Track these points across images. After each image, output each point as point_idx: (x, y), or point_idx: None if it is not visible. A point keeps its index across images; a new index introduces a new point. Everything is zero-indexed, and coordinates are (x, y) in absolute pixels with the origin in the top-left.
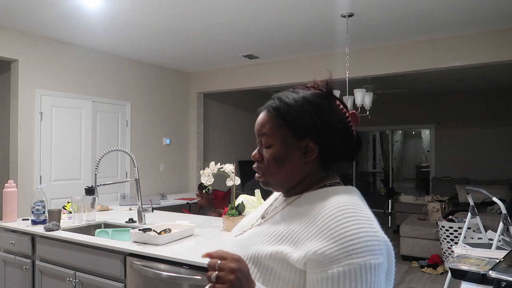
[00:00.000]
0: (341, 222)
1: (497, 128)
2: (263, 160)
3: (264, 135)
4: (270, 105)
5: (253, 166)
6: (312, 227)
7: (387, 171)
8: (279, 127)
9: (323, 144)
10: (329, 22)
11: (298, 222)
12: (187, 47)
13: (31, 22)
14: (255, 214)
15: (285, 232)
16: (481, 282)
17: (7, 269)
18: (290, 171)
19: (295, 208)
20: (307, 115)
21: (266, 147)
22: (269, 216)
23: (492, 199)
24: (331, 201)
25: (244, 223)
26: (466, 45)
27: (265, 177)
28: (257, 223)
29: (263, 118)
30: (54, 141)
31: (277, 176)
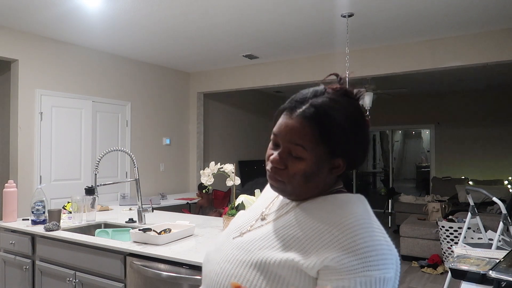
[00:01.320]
0: (361, 235)
1: (497, 128)
2: (287, 170)
3: (297, 145)
4: (310, 113)
5: (269, 169)
6: (328, 236)
7: (387, 171)
8: (317, 142)
9: (351, 161)
10: (329, 22)
11: (310, 229)
12: (187, 47)
13: (31, 22)
14: (252, 213)
15: (294, 237)
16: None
17: (7, 269)
18: (312, 187)
19: (305, 213)
20: (349, 136)
21: (296, 157)
22: (272, 218)
23: (492, 199)
24: (347, 211)
25: (241, 224)
26: (466, 45)
27: (284, 186)
28: (257, 224)
29: (299, 125)
30: (54, 141)
31: (299, 190)
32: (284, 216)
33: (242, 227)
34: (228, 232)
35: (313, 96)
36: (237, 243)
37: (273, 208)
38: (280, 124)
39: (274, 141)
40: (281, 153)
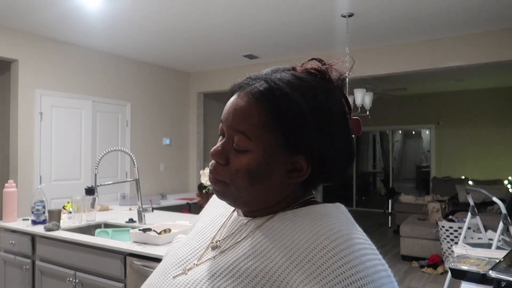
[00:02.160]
0: (353, 262)
1: (497, 128)
2: (228, 165)
3: (240, 132)
4: (260, 89)
5: (210, 168)
6: (308, 265)
7: (387, 171)
8: (267, 128)
9: (318, 165)
10: (329, 22)
11: (282, 258)
12: (187, 47)
13: (31, 22)
14: (198, 240)
15: (261, 272)
16: (481, 282)
17: (7, 269)
18: (264, 192)
19: (272, 235)
20: (314, 124)
21: (239, 150)
22: (227, 245)
23: (492, 199)
24: (326, 228)
25: (183, 255)
26: (466, 45)
27: (226, 188)
28: (207, 255)
29: (245, 106)
30: (54, 141)
31: (244, 193)
32: (243, 242)
33: (185, 260)
34: (165, 268)
35: (273, 72)
36: (180, 285)
37: (226, 232)
38: (225, 107)
39: (220, 130)
40: (224, 144)
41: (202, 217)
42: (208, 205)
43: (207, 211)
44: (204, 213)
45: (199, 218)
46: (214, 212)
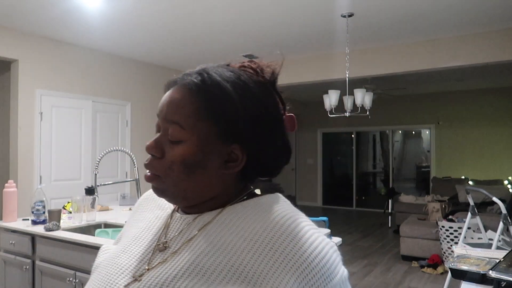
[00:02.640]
0: (303, 241)
1: (497, 128)
2: (164, 158)
3: (174, 123)
4: (193, 80)
5: (145, 163)
6: (271, 253)
7: (387, 171)
8: (200, 118)
9: (254, 155)
10: (329, 22)
11: (243, 248)
12: (187, 47)
13: (31, 22)
14: (138, 245)
15: (229, 264)
16: (481, 282)
17: (7, 269)
18: (200, 183)
19: (227, 228)
20: (246, 112)
21: (174, 141)
22: (178, 244)
23: (492, 199)
24: (279, 216)
25: (124, 264)
26: (466, 45)
27: (162, 183)
28: (157, 258)
29: (178, 97)
30: (54, 141)
31: (181, 185)
32: (196, 239)
33: (131, 267)
34: (107, 280)
35: (206, 67)
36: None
37: (172, 232)
38: (161, 102)
39: (157, 126)
40: (159, 137)
41: (134, 223)
42: (137, 210)
43: (139, 216)
44: (135, 219)
45: (130, 224)
46: (148, 215)
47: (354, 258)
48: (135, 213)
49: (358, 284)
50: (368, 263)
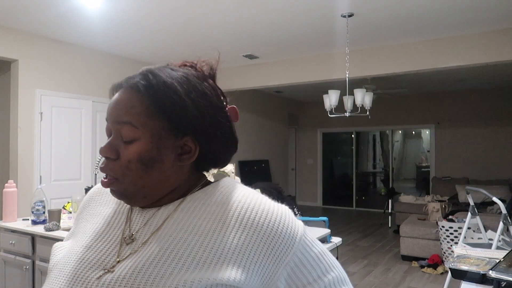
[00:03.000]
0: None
1: (497, 128)
2: (119, 159)
3: (126, 123)
4: (139, 81)
5: (101, 167)
6: (241, 229)
7: (387, 171)
8: (151, 115)
9: (205, 145)
10: (329, 22)
11: (219, 230)
12: (187, 47)
13: (31, 22)
14: (99, 240)
15: (208, 247)
16: (481, 282)
17: (7, 269)
18: (159, 178)
19: (195, 213)
20: (193, 105)
21: (127, 141)
22: (146, 235)
23: (492, 199)
24: (246, 195)
25: (90, 259)
26: (466, 45)
27: (120, 184)
28: (127, 250)
29: (126, 98)
30: (54, 141)
31: (140, 183)
32: (165, 228)
33: (99, 262)
34: (74, 276)
35: (147, 69)
36: (114, 282)
37: (136, 224)
38: (108, 106)
39: (107, 130)
40: (112, 140)
41: (89, 218)
42: (89, 205)
43: (93, 211)
44: (88, 213)
45: (85, 219)
46: (104, 210)
47: (354, 258)
48: (87, 207)
49: (358, 284)
50: (368, 263)
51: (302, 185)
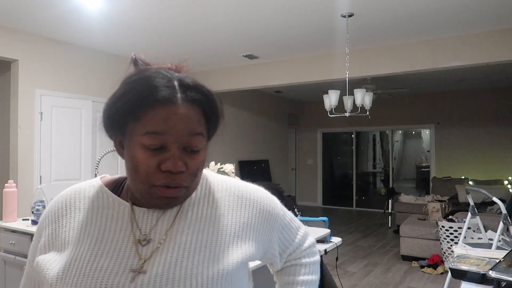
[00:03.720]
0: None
1: (497, 128)
2: (187, 171)
3: (198, 134)
4: (194, 94)
5: (170, 182)
6: (244, 209)
7: (387, 171)
8: (205, 124)
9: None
10: (329, 22)
11: (224, 215)
12: (187, 47)
13: (31, 22)
14: (107, 244)
15: (221, 231)
16: (481, 282)
17: (7, 269)
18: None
19: (203, 207)
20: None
21: (196, 151)
22: (160, 234)
23: (492, 199)
24: (236, 184)
25: (106, 264)
26: (466, 45)
27: (186, 191)
28: (147, 251)
29: (193, 112)
30: (54, 141)
31: (194, 188)
32: (179, 224)
33: (120, 266)
34: (101, 283)
35: (176, 76)
36: (152, 282)
37: (146, 225)
38: (167, 119)
39: (154, 144)
40: (178, 153)
41: (75, 226)
42: (67, 213)
43: (77, 218)
44: (73, 221)
45: (68, 228)
46: (95, 217)
47: (354, 258)
48: (64, 216)
49: (358, 284)
50: (368, 263)
51: (302, 185)
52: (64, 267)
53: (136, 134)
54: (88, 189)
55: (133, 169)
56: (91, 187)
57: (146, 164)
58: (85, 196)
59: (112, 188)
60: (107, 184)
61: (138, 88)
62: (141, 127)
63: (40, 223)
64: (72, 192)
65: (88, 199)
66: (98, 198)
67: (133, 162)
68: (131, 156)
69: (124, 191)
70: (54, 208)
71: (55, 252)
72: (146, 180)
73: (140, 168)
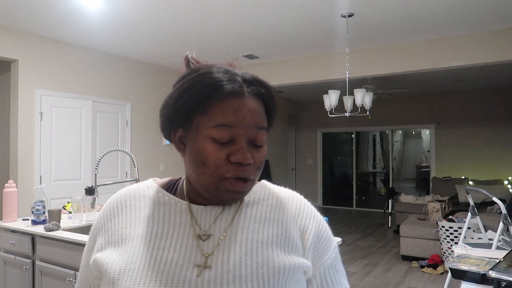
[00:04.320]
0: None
1: (497, 128)
2: (254, 164)
3: (263, 129)
4: (259, 89)
5: (240, 174)
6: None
7: (387, 171)
8: (266, 120)
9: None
10: (329, 22)
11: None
12: (187, 47)
13: (31, 22)
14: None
15: (280, 231)
16: (481, 282)
17: (7, 269)
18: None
19: (260, 207)
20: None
21: (260, 145)
22: (220, 231)
23: (492, 199)
24: (291, 193)
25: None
26: (466, 45)
27: (251, 185)
28: (208, 246)
29: (258, 106)
30: (54, 141)
31: (254, 183)
32: (238, 222)
33: (183, 260)
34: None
35: (237, 71)
36: (219, 278)
37: (205, 222)
38: (237, 111)
39: (224, 137)
40: (245, 145)
41: (132, 223)
42: (123, 211)
43: (134, 215)
44: (130, 218)
45: (125, 226)
46: (148, 213)
47: (354, 258)
48: (120, 214)
49: (358, 284)
50: (368, 263)
51: (302, 185)
52: (126, 261)
53: (204, 127)
54: (143, 189)
55: (201, 163)
56: (145, 188)
57: (216, 156)
58: (141, 195)
59: (165, 189)
60: (161, 185)
61: (204, 82)
62: (209, 120)
63: (94, 226)
64: (127, 192)
65: (144, 197)
66: (155, 196)
67: (201, 155)
68: (198, 149)
69: (179, 191)
70: (109, 208)
71: (113, 248)
72: (216, 173)
73: (209, 161)
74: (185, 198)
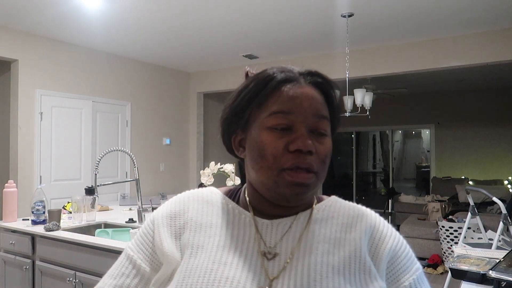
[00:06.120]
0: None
1: (497, 128)
2: (315, 154)
3: (325, 118)
4: (318, 80)
5: (300, 162)
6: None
7: (387, 171)
8: (328, 113)
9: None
10: (329, 22)
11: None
12: (187, 47)
13: (31, 22)
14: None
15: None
16: (481, 282)
17: (7, 269)
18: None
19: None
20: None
21: (323, 134)
22: (287, 250)
23: (492, 199)
24: (355, 207)
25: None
26: (466, 45)
27: (316, 180)
28: (274, 266)
29: (317, 95)
30: (54, 141)
31: (322, 180)
32: (306, 241)
33: (246, 279)
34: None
35: (294, 67)
36: None
37: (271, 238)
38: (293, 97)
39: (280, 123)
40: (307, 134)
41: (203, 230)
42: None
43: (201, 221)
44: (198, 224)
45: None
46: (215, 220)
47: None
48: (181, 218)
49: None
50: None
51: None
52: (185, 273)
53: (260, 118)
54: (207, 194)
55: (259, 156)
56: (208, 193)
57: (273, 146)
58: (204, 199)
59: (228, 197)
60: (223, 192)
61: (258, 78)
62: (265, 110)
63: (150, 223)
64: (191, 195)
65: (208, 203)
66: (219, 203)
67: (258, 148)
68: (256, 142)
69: (241, 200)
70: (177, 209)
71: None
72: (275, 165)
73: (267, 152)
74: (249, 208)
